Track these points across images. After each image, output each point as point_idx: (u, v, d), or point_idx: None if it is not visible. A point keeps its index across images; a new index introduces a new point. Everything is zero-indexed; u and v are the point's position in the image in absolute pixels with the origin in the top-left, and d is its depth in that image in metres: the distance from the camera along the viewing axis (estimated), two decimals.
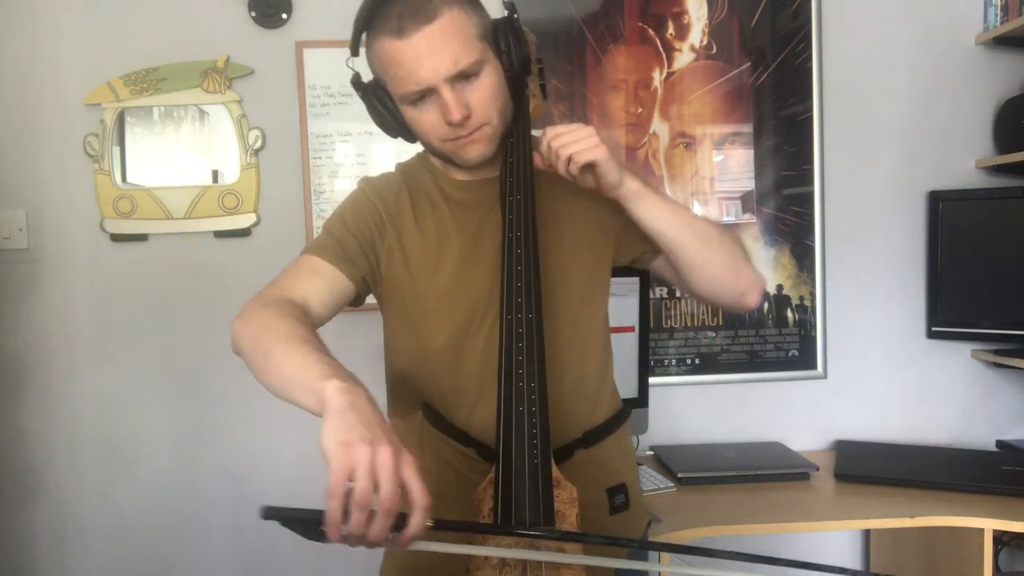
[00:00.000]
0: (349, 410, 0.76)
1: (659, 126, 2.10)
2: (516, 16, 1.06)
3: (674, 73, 2.09)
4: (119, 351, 2.02)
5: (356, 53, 1.06)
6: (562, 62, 2.06)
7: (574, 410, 1.10)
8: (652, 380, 2.03)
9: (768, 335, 2.14)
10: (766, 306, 2.13)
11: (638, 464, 1.98)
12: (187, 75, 1.99)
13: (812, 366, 2.14)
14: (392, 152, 2.02)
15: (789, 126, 2.11)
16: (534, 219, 1.05)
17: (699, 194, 2.11)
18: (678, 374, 2.13)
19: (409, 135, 1.09)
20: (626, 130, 2.09)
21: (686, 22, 2.09)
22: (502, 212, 1.07)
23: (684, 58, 2.09)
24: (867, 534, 2.16)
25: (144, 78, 1.98)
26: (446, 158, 1.09)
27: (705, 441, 2.13)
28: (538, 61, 1.15)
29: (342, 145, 2.03)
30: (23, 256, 2.00)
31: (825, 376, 2.15)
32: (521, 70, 1.06)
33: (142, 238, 2.02)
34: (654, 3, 2.08)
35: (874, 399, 2.16)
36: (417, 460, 0.75)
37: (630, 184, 1.05)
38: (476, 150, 1.05)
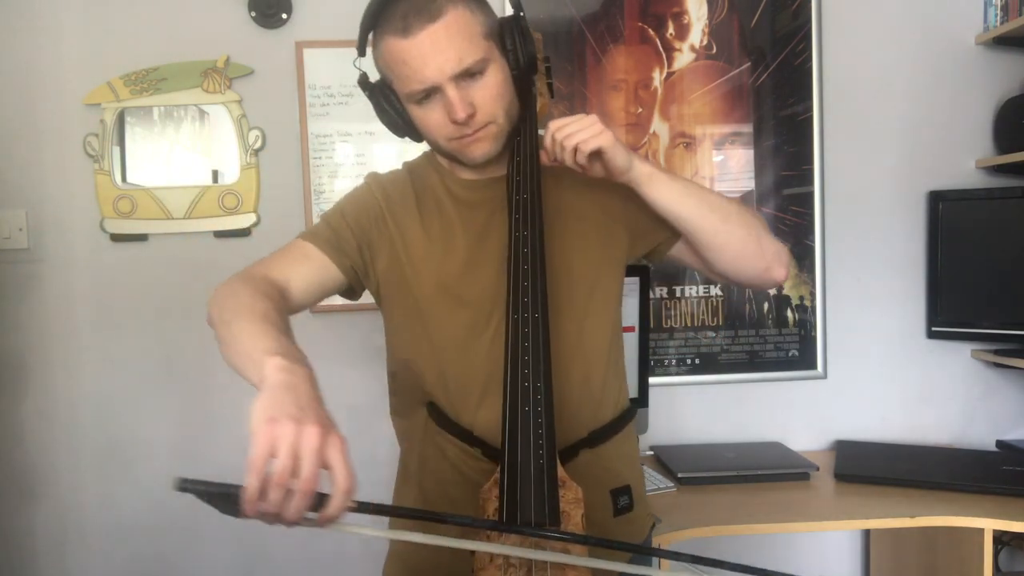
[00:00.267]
0: (283, 388, 0.76)
1: (659, 126, 2.10)
2: (522, 15, 1.06)
3: (674, 73, 2.09)
4: (119, 351, 2.02)
5: (363, 53, 1.06)
6: (562, 62, 2.06)
7: (580, 410, 1.09)
8: (652, 380, 2.03)
9: (768, 335, 2.14)
10: (766, 306, 2.14)
11: None
12: (187, 75, 1.99)
13: (812, 366, 2.14)
14: (393, 152, 2.02)
15: (789, 126, 2.11)
16: (541, 218, 1.05)
17: None
18: (678, 374, 2.13)
19: (416, 134, 1.10)
20: (626, 130, 2.09)
21: (686, 22, 2.09)
22: (508, 211, 1.06)
23: (684, 58, 2.09)
24: (867, 534, 2.16)
25: (144, 78, 1.98)
26: (452, 157, 1.09)
27: (705, 441, 2.13)
28: (545, 60, 1.15)
29: (342, 145, 2.03)
30: (23, 256, 2.00)
31: (825, 376, 2.15)
32: (527, 69, 1.06)
33: (142, 238, 2.02)
34: (654, 3, 2.08)
35: (874, 399, 2.16)
36: (343, 441, 0.72)
37: (640, 167, 1.04)
38: (481, 148, 1.05)
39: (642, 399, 1.95)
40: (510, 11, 1.07)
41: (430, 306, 1.10)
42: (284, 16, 2.00)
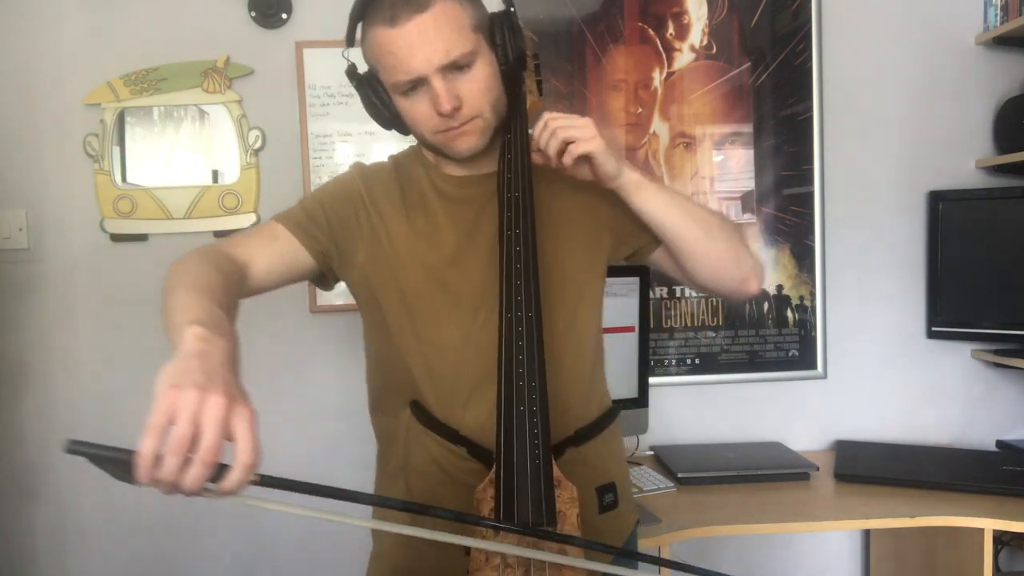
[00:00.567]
0: (195, 356, 0.73)
1: (659, 126, 2.10)
2: (513, 10, 1.06)
3: (674, 73, 2.09)
4: (119, 351, 2.02)
5: (352, 44, 1.06)
6: (562, 62, 2.06)
7: (567, 408, 1.09)
8: (652, 380, 2.03)
9: (768, 335, 2.14)
10: (766, 306, 2.14)
11: (638, 464, 1.98)
12: (187, 75, 1.99)
13: (812, 366, 2.14)
14: (394, 152, 2.02)
15: (789, 126, 2.11)
16: (533, 216, 1.04)
17: (699, 194, 2.11)
18: (678, 374, 2.13)
19: (402, 127, 1.09)
20: (626, 130, 2.09)
21: (686, 22, 2.09)
22: (499, 209, 1.06)
23: (684, 58, 2.09)
24: (867, 534, 2.16)
25: (144, 78, 1.98)
26: (437, 150, 1.09)
27: (705, 441, 2.13)
28: (535, 57, 1.15)
29: (342, 145, 2.03)
30: (23, 256, 2.00)
31: (825, 376, 2.15)
32: (516, 64, 1.06)
33: (142, 238, 2.02)
34: (654, 3, 2.08)
35: (874, 399, 2.16)
36: (252, 414, 0.70)
37: (629, 175, 1.05)
38: (467, 142, 1.04)
39: (642, 399, 1.95)
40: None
41: (417, 301, 1.08)
42: (284, 16, 2.00)
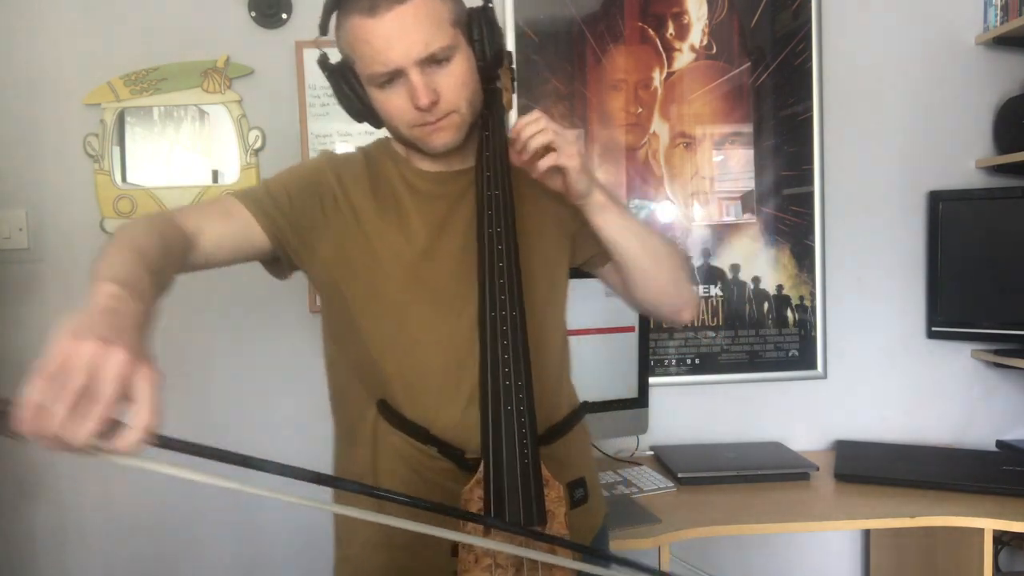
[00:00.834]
0: (102, 311, 0.66)
1: (659, 126, 2.10)
2: (491, 6, 1.05)
3: (674, 73, 2.09)
4: None
5: (325, 32, 1.05)
6: (562, 62, 2.06)
7: (540, 408, 1.08)
8: (652, 380, 2.03)
9: (768, 335, 2.14)
10: (766, 306, 2.13)
11: (638, 464, 1.98)
12: (187, 75, 1.99)
13: (812, 366, 2.14)
14: None
15: (789, 126, 2.11)
16: (513, 214, 1.03)
17: (699, 194, 2.11)
18: (678, 374, 2.13)
19: (375, 119, 1.07)
20: (626, 130, 2.09)
21: (686, 22, 2.09)
22: (479, 207, 1.04)
23: (684, 58, 2.09)
24: (867, 534, 2.16)
25: (144, 78, 1.98)
26: (412, 145, 1.07)
27: (705, 441, 2.13)
28: (508, 55, 1.13)
29: (342, 145, 2.03)
30: (23, 256, 2.00)
31: (825, 376, 2.15)
32: (493, 61, 1.05)
33: None
34: (654, 3, 2.08)
35: (874, 399, 2.16)
36: (157, 376, 0.65)
37: (597, 196, 1.05)
38: (443, 138, 1.03)
39: (642, 399, 1.95)
40: (509, 11, 1.06)
41: (389, 296, 1.06)
42: (284, 16, 2.00)
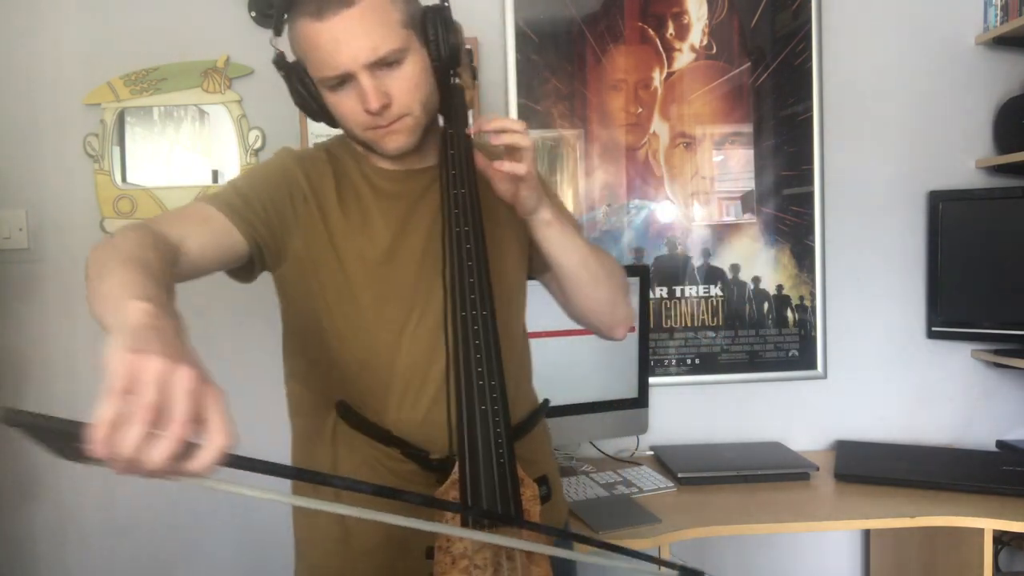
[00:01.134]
0: (148, 329, 0.62)
1: (659, 126, 2.10)
2: (447, 4, 1.04)
3: (674, 73, 2.09)
4: None
5: (280, 34, 1.04)
6: (562, 62, 2.06)
7: None
8: (652, 380, 2.03)
9: (768, 335, 2.14)
10: (766, 306, 2.14)
11: (638, 464, 1.98)
12: (187, 75, 1.99)
13: (812, 366, 2.14)
14: None
15: (789, 126, 2.11)
16: (480, 213, 1.03)
17: (699, 194, 2.11)
18: (678, 374, 2.13)
19: (331, 120, 1.07)
20: (626, 130, 2.09)
21: (686, 22, 2.09)
22: (445, 206, 1.03)
23: (684, 58, 2.09)
24: (867, 534, 2.16)
25: (144, 78, 1.98)
26: (367, 146, 1.07)
27: (705, 441, 2.13)
28: (468, 53, 1.12)
29: None
30: (23, 256, 2.00)
31: (825, 376, 2.15)
32: (449, 60, 1.03)
33: None
34: (654, 3, 2.08)
35: (874, 399, 2.16)
36: (223, 394, 0.62)
37: (543, 213, 1.05)
38: (396, 141, 1.02)
39: (642, 399, 1.95)
40: (509, 11, 1.06)
41: (353, 295, 1.04)
42: (284, 16, 2.00)
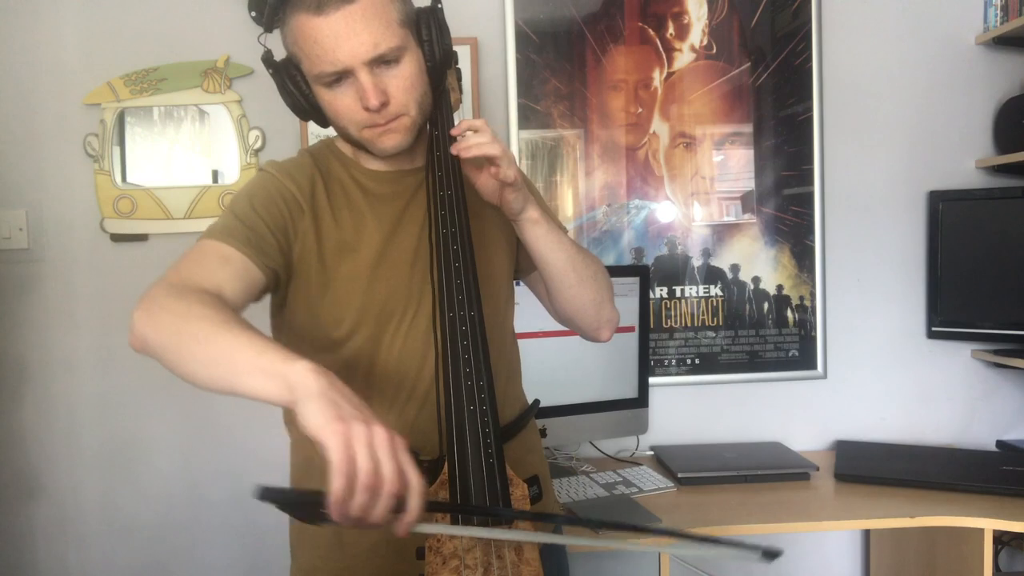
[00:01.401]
0: (332, 390, 0.72)
1: (659, 126, 2.10)
2: (440, 6, 1.04)
3: (674, 73, 2.09)
4: (119, 351, 2.02)
5: (270, 30, 1.03)
6: (562, 62, 2.06)
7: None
8: (652, 380, 2.03)
9: (768, 335, 2.14)
10: (766, 306, 2.14)
11: (638, 464, 1.98)
12: (187, 75, 1.99)
13: (812, 366, 2.14)
14: None
15: (789, 126, 2.11)
16: (466, 214, 1.03)
17: (699, 194, 2.11)
18: (678, 374, 2.13)
19: (321, 119, 1.06)
20: (626, 130, 2.09)
21: (686, 22, 2.09)
22: (431, 207, 1.03)
23: (684, 58, 2.09)
24: (867, 534, 2.16)
25: (144, 78, 1.98)
26: (360, 146, 1.06)
27: (705, 441, 2.13)
28: (455, 56, 1.13)
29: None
30: (23, 256, 2.00)
31: (825, 376, 2.15)
32: (442, 62, 1.04)
33: (142, 238, 2.02)
34: (654, 3, 2.08)
35: (874, 399, 2.16)
36: (404, 440, 0.72)
37: (531, 212, 1.07)
38: (393, 140, 1.02)
39: (642, 399, 1.95)
40: (509, 11, 1.06)
41: (340, 301, 1.04)
42: (277, 13, 1.99)
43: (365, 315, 1.04)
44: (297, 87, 1.03)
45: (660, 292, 2.12)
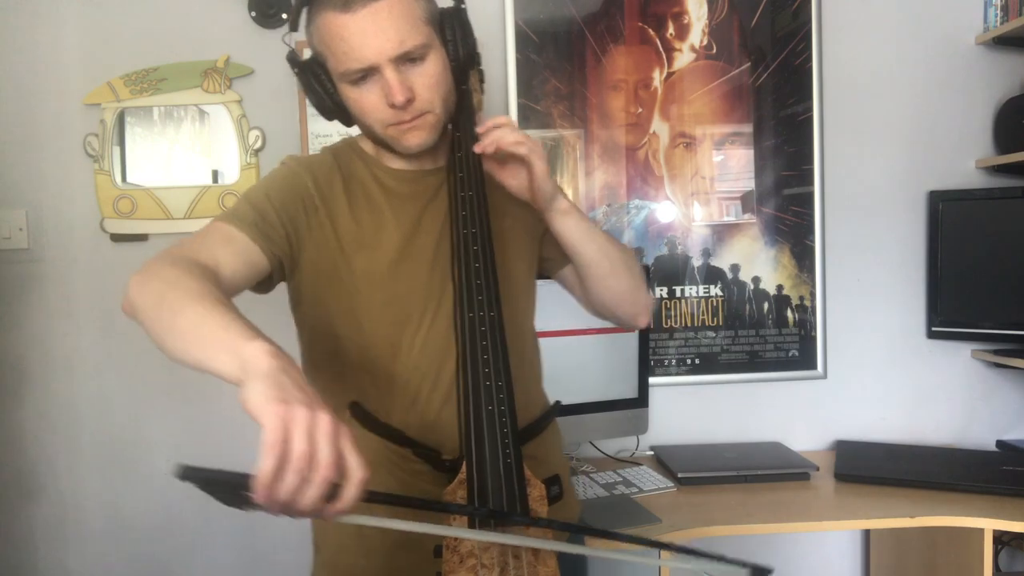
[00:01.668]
0: (281, 373, 0.70)
1: (659, 126, 2.10)
2: (464, 6, 1.05)
3: (674, 73, 2.09)
4: (119, 351, 2.02)
5: (296, 28, 1.04)
6: (562, 62, 2.06)
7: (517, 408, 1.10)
8: (652, 380, 2.03)
9: (768, 335, 2.14)
10: (766, 306, 2.13)
11: (638, 464, 1.98)
12: (187, 75, 1.99)
13: (812, 366, 2.14)
14: None
15: (789, 126, 2.11)
16: (487, 215, 1.04)
17: (699, 194, 2.11)
18: (678, 374, 2.13)
19: (346, 117, 1.06)
20: (626, 130, 2.09)
21: (686, 22, 2.09)
22: (452, 207, 1.04)
23: (684, 58, 2.09)
24: (867, 534, 2.16)
25: (144, 78, 1.98)
26: (385, 144, 1.06)
27: (705, 441, 2.13)
28: (478, 56, 1.14)
29: None
30: (23, 256, 2.00)
31: (825, 376, 2.15)
32: (466, 62, 1.05)
33: (142, 238, 2.02)
34: (654, 3, 2.08)
35: (874, 399, 2.16)
36: (350, 430, 0.70)
37: (561, 202, 1.09)
38: (418, 137, 1.03)
39: (642, 399, 1.95)
40: (509, 11, 1.07)
41: (361, 299, 1.05)
42: (284, 16, 2.00)
43: (385, 311, 1.05)
44: (322, 86, 1.03)
45: (660, 292, 2.12)
